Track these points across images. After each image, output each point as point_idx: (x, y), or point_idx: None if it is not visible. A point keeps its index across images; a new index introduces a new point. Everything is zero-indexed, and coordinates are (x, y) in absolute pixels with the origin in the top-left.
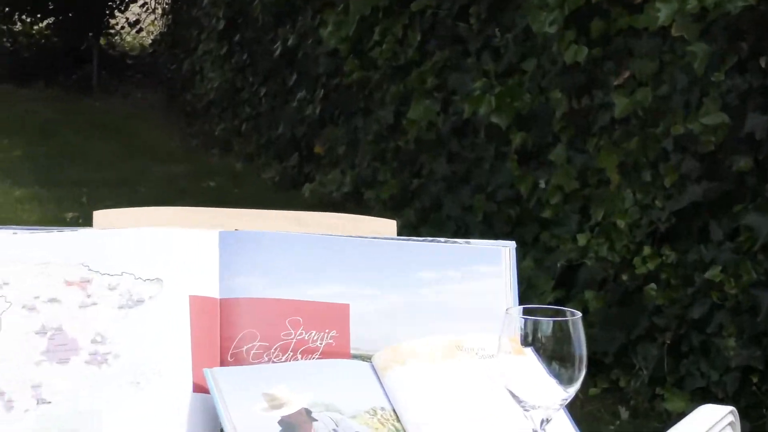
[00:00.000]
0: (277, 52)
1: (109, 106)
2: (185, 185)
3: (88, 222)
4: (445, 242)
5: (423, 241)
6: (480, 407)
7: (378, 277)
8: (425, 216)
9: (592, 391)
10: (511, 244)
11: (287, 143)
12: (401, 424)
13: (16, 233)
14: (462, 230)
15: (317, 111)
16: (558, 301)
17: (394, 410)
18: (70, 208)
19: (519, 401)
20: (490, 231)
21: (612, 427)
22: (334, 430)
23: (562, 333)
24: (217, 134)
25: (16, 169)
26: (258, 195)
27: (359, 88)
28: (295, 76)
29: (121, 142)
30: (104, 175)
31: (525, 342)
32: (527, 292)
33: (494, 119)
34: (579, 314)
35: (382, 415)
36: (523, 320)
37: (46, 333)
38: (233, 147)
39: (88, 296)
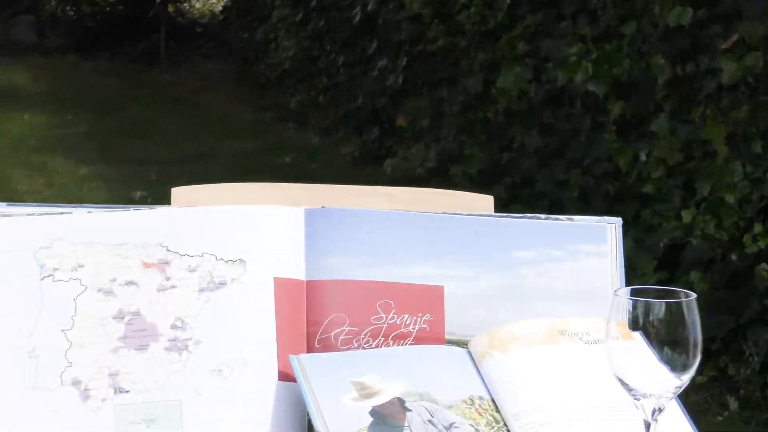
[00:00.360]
0: (356, 17)
1: (178, 78)
2: (258, 161)
3: (157, 201)
4: (545, 219)
5: (522, 217)
6: (586, 397)
7: (474, 257)
8: (516, 192)
9: (699, 379)
10: (617, 221)
11: (367, 116)
12: (500, 415)
13: (90, 212)
14: (556, 207)
15: (399, 81)
16: (660, 283)
17: (492, 400)
18: (138, 186)
19: (629, 390)
20: (586, 208)
21: (720, 419)
22: (429, 420)
23: (674, 316)
24: (292, 107)
25: (81, 146)
26: (336, 171)
27: (444, 56)
28: (375, 44)
29: (190, 117)
30: (173, 151)
31: (634, 326)
32: (627, 273)
33: (591, 87)
34: (693, 295)
35: (480, 405)
36: (632, 302)
37: (123, 318)
38: (309, 120)
39: (167, 279)
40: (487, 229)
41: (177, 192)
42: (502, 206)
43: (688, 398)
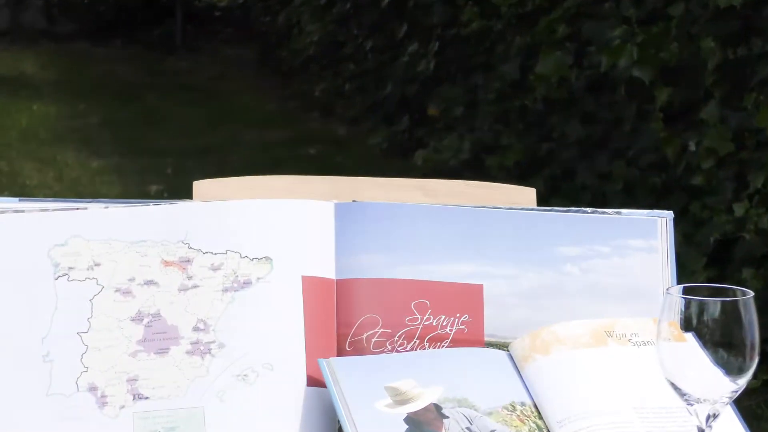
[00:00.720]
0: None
1: (195, 66)
2: (281, 153)
3: (174, 196)
4: (591, 213)
5: (567, 211)
6: (635, 402)
7: (516, 254)
8: (556, 186)
9: (752, 383)
10: (668, 214)
11: (397, 104)
12: (544, 422)
13: (107, 208)
14: (599, 201)
15: (431, 67)
16: (711, 281)
17: (535, 405)
18: (153, 180)
19: (681, 394)
20: (631, 201)
21: None
22: (467, 428)
23: (730, 316)
24: (316, 95)
25: (94, 138)
26: (364, 163)
27: (479, 40)
28: (405, 28)
29: (208, 106)
30: (190, 143)
31: (687, 326)
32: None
33: (636, 73)
34: (750, 293)
35: (522, 411)
36: (684, 301)
37: (142, 320)
38: (335, 110)
39: (189, 278)
40: (530, 224)
41: (199, 186)
42: (541, 200)
43: (740, 403)
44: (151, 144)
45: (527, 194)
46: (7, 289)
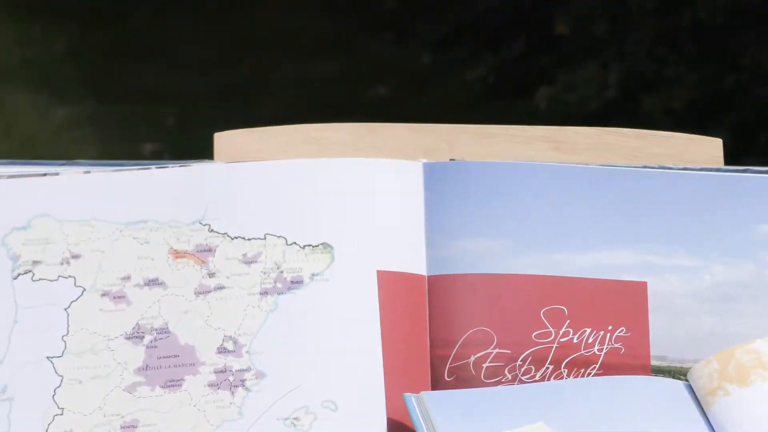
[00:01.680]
0: None
1: None
2: (336, 95)
3: (178, 157)
4: None
5: None
6: None
7: (695, 236)
8: (748, 136)
9: None
10: None
11: (505, 19)
12: None
13: (89, 173)
14: None
15: None
16: None
17: None
18: (147, 135)
19: None
20: None
21: None
22: None
23: None
24: (386, 8)
25: (58, 75)
26: (459, 107)
27: None
28: None
29: (226, 28)
30: (200, 81)
31: None
32: None
33: None
34: None
35: None
36: None
37: (142, 338)
38: (415, 29)
39: (211, 275)
40: (715, 192)
41: (222, 139)
42: (728, 157)
43: None
44: (141, 83)
45: (709, 147)
46: None
